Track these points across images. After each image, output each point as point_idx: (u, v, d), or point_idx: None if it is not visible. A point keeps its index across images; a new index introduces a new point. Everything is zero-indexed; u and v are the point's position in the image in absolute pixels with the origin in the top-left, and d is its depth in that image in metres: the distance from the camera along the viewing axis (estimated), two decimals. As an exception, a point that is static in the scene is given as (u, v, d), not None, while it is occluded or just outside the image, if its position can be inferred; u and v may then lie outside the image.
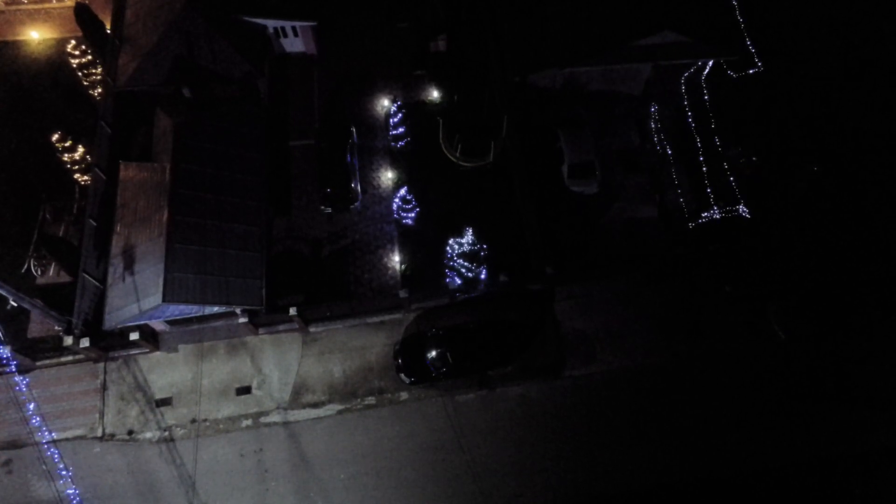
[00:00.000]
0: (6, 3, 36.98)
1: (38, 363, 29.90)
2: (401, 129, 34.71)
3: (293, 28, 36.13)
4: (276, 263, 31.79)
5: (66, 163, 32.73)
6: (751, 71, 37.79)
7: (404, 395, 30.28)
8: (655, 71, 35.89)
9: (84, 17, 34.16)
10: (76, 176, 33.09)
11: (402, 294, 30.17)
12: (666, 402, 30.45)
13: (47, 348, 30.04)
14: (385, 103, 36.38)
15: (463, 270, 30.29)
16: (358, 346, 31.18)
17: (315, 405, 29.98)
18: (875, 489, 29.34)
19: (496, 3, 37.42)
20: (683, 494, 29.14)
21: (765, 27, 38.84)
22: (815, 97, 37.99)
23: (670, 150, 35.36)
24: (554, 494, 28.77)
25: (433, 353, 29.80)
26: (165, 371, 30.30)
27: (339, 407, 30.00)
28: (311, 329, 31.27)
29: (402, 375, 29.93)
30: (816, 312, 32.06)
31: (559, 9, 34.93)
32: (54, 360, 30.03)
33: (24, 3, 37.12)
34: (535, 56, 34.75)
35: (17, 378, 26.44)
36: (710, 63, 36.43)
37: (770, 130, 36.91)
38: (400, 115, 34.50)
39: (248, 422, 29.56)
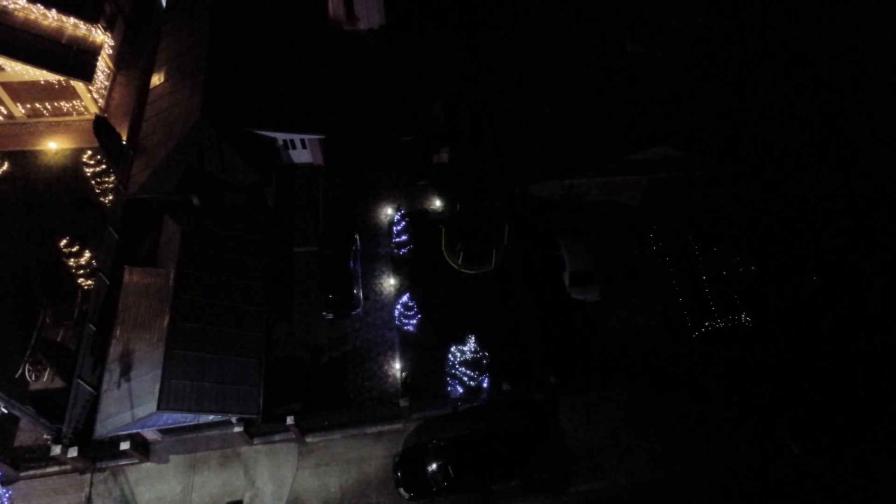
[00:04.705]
0: (28, 116, 38.76)
1: (23, 474, 28.71)
2: (404, 237, 35.30)
3: (302, 140, 37.59)
4: (275, 369, 31.27)
5: (71, 267, 32.99)
6: (743, 184, 39.03)
7: (403, 512, 28.86)
8: (652, 182, 36.99)
9: (102, 129, 35.62)
10: (80, 280, 33.26)
11: (403, 403, 29.47)
12: (678, 521, 29.02)
13: (33, 458, 28.93)
14: (388, 211, 37.22)
15: (465, 379, 29.78)
16: (356, 457, 30.04)
17: (309, 522, 28.49)
18: None
19: (496, 116, 39.19)
20: None
21: (756, 139, 40.44)
22: (811, 207, 38.92)
23: (669, 258, 35.78)
24: None
25: (434, 466, 28.67)
26: (154, 483, 29.01)
27: (335, 524, 28.53)
28: (308, 439, 30.26)
29: (402, 490, 28.63)
30: (830, 424, 31.17)
31: (557, 123, 36.52)
32: (39, 471, 28.84)
33: (45, 115, 38.92)
34: (534, 167, 35.95)
35: (0, 490, 25.31)
36: (705, 175, 37.60)
37: (768, 240, 37.51)
38: (403, 223, 35.20)
39: (238, 540, 28.02)
